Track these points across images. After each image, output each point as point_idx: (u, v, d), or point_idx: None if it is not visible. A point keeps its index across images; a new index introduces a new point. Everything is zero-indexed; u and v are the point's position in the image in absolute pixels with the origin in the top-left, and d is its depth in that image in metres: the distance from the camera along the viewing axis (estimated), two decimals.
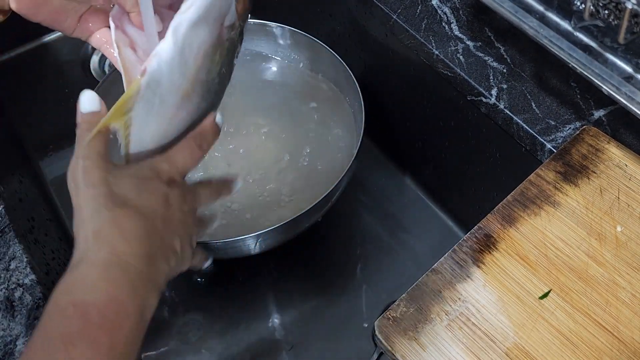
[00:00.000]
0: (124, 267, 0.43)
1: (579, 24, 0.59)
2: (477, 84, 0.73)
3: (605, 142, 0.65)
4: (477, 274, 0.57)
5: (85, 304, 0.40)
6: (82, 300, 0.41)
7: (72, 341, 0.39)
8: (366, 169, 0.98)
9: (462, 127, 0.80)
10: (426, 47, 0.77)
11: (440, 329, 0.54)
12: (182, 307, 0.86)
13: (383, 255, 0.90)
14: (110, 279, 0.42)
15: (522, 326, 0.54)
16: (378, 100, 0.94)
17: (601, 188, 0.62)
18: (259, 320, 0.85)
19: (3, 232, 0.63)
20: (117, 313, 0.41)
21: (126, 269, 0.43)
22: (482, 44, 0.76)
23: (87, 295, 0.41)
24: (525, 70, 0.73)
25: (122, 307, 0.41)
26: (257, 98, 0.92)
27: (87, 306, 0.40)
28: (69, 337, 0.39)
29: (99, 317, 0.40)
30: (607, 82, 0.58)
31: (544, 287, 0.56)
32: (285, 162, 0.86)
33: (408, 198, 0.96)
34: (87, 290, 0.41)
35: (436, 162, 0.90)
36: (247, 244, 0.74)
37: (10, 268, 0.60)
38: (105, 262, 0.42)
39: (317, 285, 0.88)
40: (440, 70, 0.77)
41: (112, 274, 0.42)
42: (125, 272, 0.43)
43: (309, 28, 0.93)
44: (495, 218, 0.60)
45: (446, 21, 0.79)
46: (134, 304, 0.42)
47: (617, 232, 0.59)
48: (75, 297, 0.41)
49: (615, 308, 0.54)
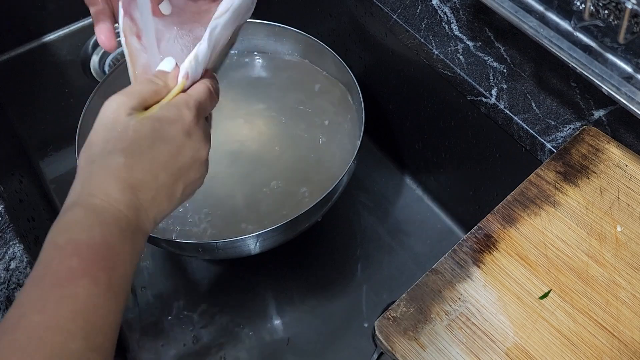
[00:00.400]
0: (115, 215, 0.44)
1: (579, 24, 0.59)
2: (477, 84, 0.73)
3: (605, 142, 0.65)
4: (477, 274, 0.57)
5: (82, 243, 0.42)
6: (80, 240, 0.42)
7: (75, 275, 0.41)
8: (366, 169, 0.98)
9: (462, 127, 0.80)
10: (426, 47, 0.78)
11: (440, 329, 0.54)
12: (182, 307, 0.86)
13: (383, 255, 0.90)
14: (103, 223, 0.43)
15: (522, 326, 0.54)
16: (378, 100, 0.94)
17: (601, 188, 0.62)
18: (259, 320, 0.85)
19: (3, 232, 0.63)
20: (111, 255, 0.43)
21: (117, 216, 0.44)
22: (482, 44, 0.76)
23: (83, 235, 0.43)
24: (525, 70, 0.73)
25: (114, 251, 0.43)
26: (257, 98, 0.92)
27: (84, 246, 0.42)
28: (71, 272, 0.41)
29: (95, 257, 0.42)
30: (607, 82, 0.58)
31: (544, 287, 0.56)
32: (284, 162, 0.86)
33: (408, 198, 0.96)
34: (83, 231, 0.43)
35: (436, 162, 0.90)
36: (247, 244, 0.74)
37: (10, 268, 0.60)
38: (98, 208, 0.44)
39: (317, 285, 0.88)
40: (440, 70, 0.77)
41: (105, 219, 0.44)
42: (116, 219, 0.44)
43: (309, 28, 0.93)
44: (495, 218, 0.60)
45: (446, 21, 0.79)
46: (124, 250, 0.44)
47: (617, 232, 0.59)
48: (72, 235, 0.42)
49: (615, 308, 0.54)
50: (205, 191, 0.83)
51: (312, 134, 0.88)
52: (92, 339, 0.40)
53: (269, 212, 0.81)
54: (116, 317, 0.43)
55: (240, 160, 0.87)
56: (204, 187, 0.60)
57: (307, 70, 0.93)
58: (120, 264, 0.43)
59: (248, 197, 0.83)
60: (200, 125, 0.50)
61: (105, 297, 0.41)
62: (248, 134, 0.90)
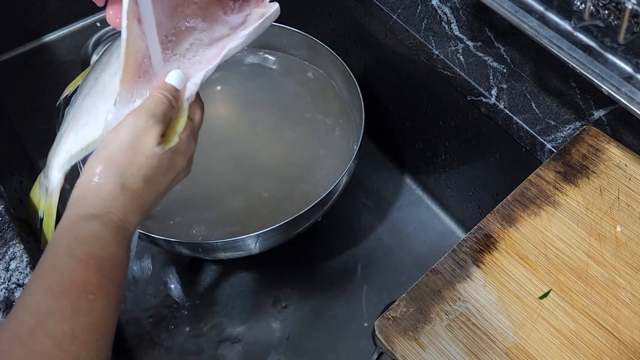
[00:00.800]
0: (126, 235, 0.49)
1: (579, 24, 0.59)
2: (477, 84, 0.73)
3: (605, 142, 0.65)
4: (477, 274, 0.57)
5: (101, 259, 0.46)
6: (99, 256, 0.46)
7: (93, 291, 0.44)
8: (366, 169, 0.98)
9: (462, 127, 0.80)
10: (426, 47, 0.77)
11: (440, 329, 0.54)
12: (182, 307, 0.86)
13: (383, 255, 0.90)
14: (118, 242, 0.48)
15: (522, 326, 0.54)
16: (378, 100, 0.94)
17: (601, 188, 0.62)
18: (258, 320, 0.85)
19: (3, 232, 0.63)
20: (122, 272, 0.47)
21: (127, 236, 0.49)
22: (482, 44, 0.76)
23: (102, 251, 0.46)
24: (525, 70, 0.73)
25: (124, 269, 0.48)
26: (257, 98, 0.92)
27: (102, 261, 0.46)
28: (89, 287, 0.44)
29: (111, 273, 0.46)
30: (607, 82, 0.58)
31: (543, 287, 0.56)
32: (284, 162, 0.86)
33: (408, 198, 0.96)
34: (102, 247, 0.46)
35: (436, 162, 0.90)
36: (247, 244, 0.74)
37: (10, 268, 0.60)
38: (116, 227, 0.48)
39: (317, 285, 0.88)
40: (440, 70, 0.77)
41: (120, 238, 0.48)
42: (126, 239, 0.49)
43: (309, 28, 0.93)
44: (495, 218, 0.60)
45: (446, 21, 0.79)
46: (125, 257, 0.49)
47: (617, 232, 0.59)
48: (91, 250, 0.46)
49: (615, 308, 0.54)
50: (205, 191, 0.83)
51: (312, 134, 0.88)
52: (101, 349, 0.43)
53: (269, 212, 0.81)
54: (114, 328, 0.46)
55: (240, 159, 0.87)
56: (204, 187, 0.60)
57: (307, 70, 0.93)
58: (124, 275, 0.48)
59: (248, 197, 0.83)
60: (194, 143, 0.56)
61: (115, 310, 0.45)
62: (248, 133, 0.90)
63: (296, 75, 0.94)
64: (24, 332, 0.41)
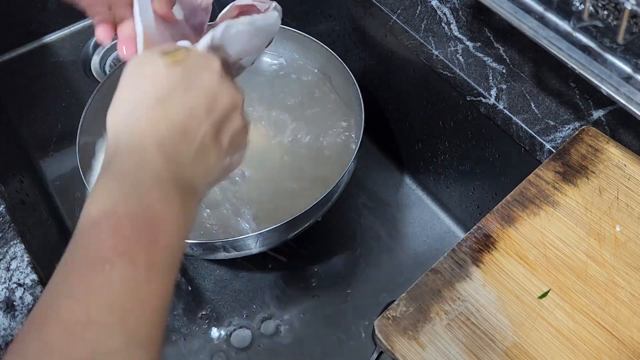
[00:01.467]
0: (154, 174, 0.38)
1: (578, 24, 0.59)
2: (477, 84, 0.73)
3: (604, 142, 0.65)
4: (477, 274, 0.57)
5: (117, 216, 0.36)
6: (114, 212, 0.36)
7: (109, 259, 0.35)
8: (366, 168, 0.98)
9: (462, 127, 0.80)
10: (426, 48, 0.78)
11: (439, 329, 0.54)
12: (181, 307, 0.86)
13: (383, 255, 0.90)
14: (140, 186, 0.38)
15: (522, 326, 0.54)
16: (378, 100, 0.94)
17: (600, 188, 0.62)
18: (258, 320, 0.85)
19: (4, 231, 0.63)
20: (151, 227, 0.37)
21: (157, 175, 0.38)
22: (482, 44, 0.76)
23: (118, 206, 0.36)
24: (524, 71, 0.73)
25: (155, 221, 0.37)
26: (257, 98, 0.92)
27: (120, 219, 0.36)
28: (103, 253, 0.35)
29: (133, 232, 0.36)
30: (606, 83, 0.58)
31: (543, 287, 0.56)
32: (284, 162, 0.86)
33: (408, 198, 0.97)
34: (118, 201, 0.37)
35: (436, 162, 0.90)
36: (247, 243, 0.74)
37: (11, 268, 0.60)
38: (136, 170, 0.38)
39: (317, 284, 0.88)
40: (439, 70, 0.77)
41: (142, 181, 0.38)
42: (156, 179, 0.38)
43: (309, 28, 0.93)
44: (494, 218, 0.61)
45: (446, 22, 0.79)
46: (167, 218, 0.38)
47: (616, 232, 0.59)
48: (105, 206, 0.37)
49: (615, 308, 0.55)
50: None
51: (311, 134, 0.88)
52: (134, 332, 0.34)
53: (269, 212, 0.81)
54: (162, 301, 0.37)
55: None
56: None
57: (307, 70, 0.94)
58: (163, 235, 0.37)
59: (248, 197, 0.83)
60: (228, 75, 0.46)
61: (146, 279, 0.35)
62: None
63: (296, 75, 0.94)
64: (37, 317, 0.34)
